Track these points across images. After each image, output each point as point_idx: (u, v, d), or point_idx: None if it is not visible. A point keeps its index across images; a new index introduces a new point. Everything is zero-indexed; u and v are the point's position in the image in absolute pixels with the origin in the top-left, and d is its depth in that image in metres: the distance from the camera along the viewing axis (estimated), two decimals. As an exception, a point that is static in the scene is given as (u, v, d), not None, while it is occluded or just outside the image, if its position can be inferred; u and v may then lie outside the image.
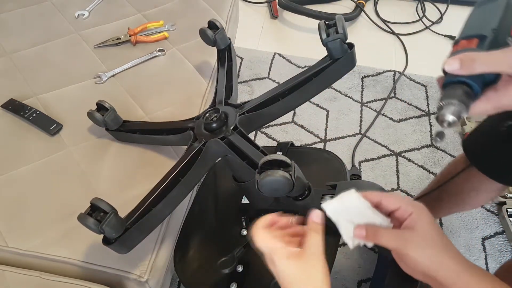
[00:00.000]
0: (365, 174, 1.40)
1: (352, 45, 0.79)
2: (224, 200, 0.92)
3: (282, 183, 0.48)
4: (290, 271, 0.45)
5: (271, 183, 0.49)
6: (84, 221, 0.61)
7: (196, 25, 0.98)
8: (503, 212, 1.27)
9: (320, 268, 0.44)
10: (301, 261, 0.45)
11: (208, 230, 0.86)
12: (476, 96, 0.42)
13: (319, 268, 0.44)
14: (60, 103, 0.99)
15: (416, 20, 1.94)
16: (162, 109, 0.98)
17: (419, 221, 0.43)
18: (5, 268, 0.75)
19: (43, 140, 0.92)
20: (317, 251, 0.45)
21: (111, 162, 0.89)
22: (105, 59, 1.08)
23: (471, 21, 0.48)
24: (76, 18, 1.19)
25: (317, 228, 0.47)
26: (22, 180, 0.86)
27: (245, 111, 0.77)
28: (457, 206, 0.99)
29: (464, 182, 0.89)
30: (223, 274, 0.75)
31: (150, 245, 0.79)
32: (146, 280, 0.75)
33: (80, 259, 0.75)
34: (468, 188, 0.90)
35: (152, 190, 0.70)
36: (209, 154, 0.74)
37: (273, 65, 1.74)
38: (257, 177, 0.49)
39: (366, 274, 1.18)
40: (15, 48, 1.10)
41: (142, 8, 1.22)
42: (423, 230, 0.43)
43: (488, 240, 1.25)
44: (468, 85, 0.41)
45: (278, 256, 0.45)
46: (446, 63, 0.42)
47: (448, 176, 0.94)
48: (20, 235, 0.78)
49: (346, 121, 1.55)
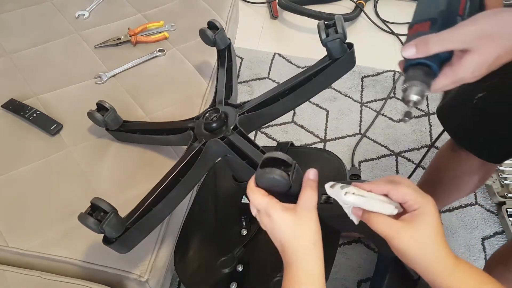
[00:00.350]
0: (365, 174, 1.41)
1: (351, 45, 0.79)
2: (224, 200, 0.92)
3: (279, 182, 0.50)
4: (285, 223, 0.48)
5: (269, 180, 0.50)
6: (84, 221, 0.61)
7: (196, 25, 0.98)
8: (503, 212, 1.27)
9: (312, 219, 0.48)
10: (296, 213, 0.48)
11: (208, 230, 0.86)
12: (435, 75, 0.46)
13: (312, 219, 0.48)
14: (61, 103, 0.99)
15: (416, 20, 1.93)
16: (162, 109, 0.98)
17: (418, 219, 0.43)
18: (5, 268, 0.75)
19: (44, 140, 0.92)
20: (310, 205, 0.48)
21: (111, 162, 0.89)
22: (105, 59, 1.08)
23: (421, 6, 0.51)
24: (77, 18, 1.19)
25: (312, 185, 0.50)
26: (23, 180, 0.86)
27: (245, 111, 0.77)
28: (452, 194, 1.00)
29: (456, 167, 0.91)
30: (223, 274, 0.75)
31: (150, 245, 0.79)
32: (146, 279, 0.75)
33: (81, 259, 0.76)
34: (461, 173, 0.91)
35: (152, 190, 0.70)
36: (209, 154, 0.74)
37: (273, 65, 1.74)
38: (257, 171, 0.50)
39: (366, 274, 1.18)
40: (15, 48, 1.10)
41: (142, 8, 1.22)
42: (422, 228, 0.43)
43: (488, 240, 1.25)
44: (427, 65, 0.45)
45: (275, 209, 0.48)
46: (403, 50, 0.46)
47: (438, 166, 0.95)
48: (20, 235, 0.79)
49: (346, 121, 1.55)
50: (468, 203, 1.33)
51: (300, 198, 0.49)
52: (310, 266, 0.47)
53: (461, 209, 1.32)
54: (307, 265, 0.47)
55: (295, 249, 0.47)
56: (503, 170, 1.35)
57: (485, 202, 1.33)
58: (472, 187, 0.95)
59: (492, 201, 1.33)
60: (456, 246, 1.24)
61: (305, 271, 0.46)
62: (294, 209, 0.48)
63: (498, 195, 1.30)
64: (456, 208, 1.32)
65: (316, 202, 0.48)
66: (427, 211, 0.43)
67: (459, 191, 0.98)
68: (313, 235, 0.47)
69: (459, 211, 1.31)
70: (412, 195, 0.44)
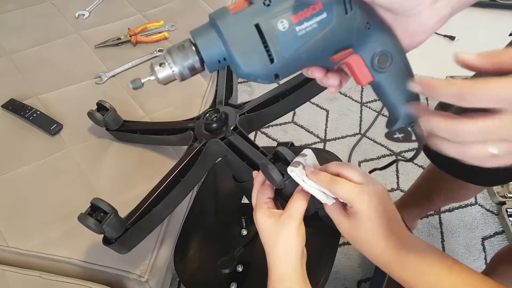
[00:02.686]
0: (365, 174, 1.40)
1: (352, 45, 0.79)
2: (224, 200, 0.92)
3: (273, 180, 0.51)
4: (267, 228, 0.49)
5: (265, 173, 0.52)
6: (84, 221, 0.61)
7: (196, 25, 0.97)
8: (503, 212, 1.27)
9: (293, 228, 0.47)
10: (278, 220, 0.48)
11: (208, 230, 0.86)
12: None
13: (293, 228, 0.47)
14: (61, 103, 0.99)
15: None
16: (162, 109, 0.98)
17: (353, 217, 0.45)
18: (5, 268, 0.75)
19: (44, 140, 0.92)
20: (296, 215, 0.48)
21: (111, 162, 0.89)
22: (106, 59, 1.08)
23: None
24: (77, 18, 1.19)
25: (303, 194, 0.49)
26: (23, 180, 0.86)
27: (245, 111, 0.77)
28: (447, 201, 0.99)
29: (450, 181, 0.89)
30: (223, 274, 0.75)
31: (150, 245, 0.79)
32: (146, 280, 0.75)
33: (81, 259, 0.76)
34: (457, 186, 0.90)
35: (152, 190, 0.70)
36: (209, 154, 0.74)
37: (273, 65, 1.74)
38: (261, 160, 0.52)
39: (366, 273, 1.18)
40: (15, 48, 1.10)
41: (142, 8, 1.22)
42: (353, 226, 0.45)
43: (488, 240, 1.25)
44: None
45: (261, 211, 0.49)
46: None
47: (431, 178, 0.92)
48: (20, 235, 0.79)
49: (346, 121, 1.55)
50: (468, 203, 1.33)
51: (287, 206, 0.49)
52: (283, 273, 0.48)
53: (461, 209, 1.32)
54: (279, 273, 0.48)
55: (272, 255, 0.48)
56: (503, 170, 1.35)
57: (485, 202, 1.33)
58: (468, 197, 0.94)
59: (492, 201, 1.33)
60: (456, 246, 1.24)
61: (279, 279, 0.48)
62: (279, 216, 0.49)
63: (498, 195, 1.30)
64: (456, 208, 1.32)
65: (303, 212, 0.48)
66: (360, 210, 0.44)
67: (456, 199, 0.97)
68: (289, 244, 0.47)
69: (459, 211, 1.31)
70: (347, 194, 0.44)
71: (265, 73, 0.37)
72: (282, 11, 0.34)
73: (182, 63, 0.37)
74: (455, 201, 1.00)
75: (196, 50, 0.37)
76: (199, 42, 0.37)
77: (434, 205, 1.04)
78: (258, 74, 0.37)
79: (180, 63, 0.37)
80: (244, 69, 0.36)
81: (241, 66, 0.36)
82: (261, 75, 0.37)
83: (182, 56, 0.37)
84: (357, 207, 0.44)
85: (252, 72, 0.37)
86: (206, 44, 0.37)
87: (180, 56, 0.37)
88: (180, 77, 0.38)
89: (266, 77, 0.38)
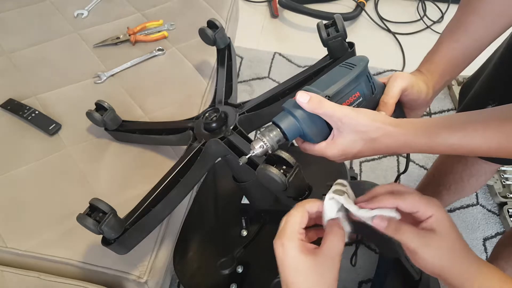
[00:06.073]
0: (366, 174, 1.40)
1: (352, 44, 0.79)
2: (224, 200, 0.91)
3: (275, 181, 0.50)
4: (301, 266, 0.42)
5: (266, 177, 0.50)
6: (83, 221, 0.61)
7: (196, 24, 0.97)
8: (504, 212, 1.27)
9: (334, 273, 0.42)
10: (316, 259, 0.42)
11: (208, 231, 0.86)
12: (288, 143, 0.48)
13: (334, 273, 0.42)
14: (59, 103, 0.98)
15: (417, 20, 1.93)
16: (161, 108, 0.97)
17: (441, 224, 0.42)
18: (4, 268, 0.75)
19: (42, 140, 0.92)
20: (334, 254, 0.43)
21: (110, 162, 0.89)
22: (104, 58, 1.08)
23: (324, 78, 0.56)
24: (75, 17, 1.18)
25: (337, 230, 0.45)
26: (21, 180, 0.85)
27: (245, 111, 0.77)
28: (457, 195, 1.01)
29: (462, 171, 0.92)
30: (223, 275, 0.74)
31: (149, 246, 0.78)
32: (146, 281, 0.75)
33: (79, 259, 0.75)
34: (467, 176, 0.92)
35: (152, 191, 0.69)
36: (209, 154, 0.73)
37: (273, 65, 1.74)
38: (260, 165, 0.50)
39: (367, 275, 1.18)
40: (14, 47, 1.10)
41: (142, 7, 1.21)
42: (445, 234, 0.42)
43: (489, 240, 1.25)
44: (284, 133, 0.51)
45: (292, 244, 0.42)
46: (299, 94, 0.49)
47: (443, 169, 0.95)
48: (19, 236, 0.78)
49: (347, 120, 1.55)
50: (469, 204, 1.32)
51: (324, 244, 0.43)
52: None
53: (463, 210, 1.31)
54: None
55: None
56: (504, 171, 1.34)
57: (486, 203, 1.32)
58: (476, 188, 0.96)
59: (493, 202, 1.32)
60: (457, 247, 1.24)
61: None
62: (315, 253, 0.42)
63: (500, 196, 1.29)
64: (457, 208, 1.31)
65: (341, 249, 0.43)
66: (443, 215, 0.42)
67: (464, 192, 0.98)
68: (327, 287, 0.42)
69: (461, 211, 1.31)
70: (421, 203, 0.42)
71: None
72: (338, 101, 0.52)
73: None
74: (463, 195, 1.01)
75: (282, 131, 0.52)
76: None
77: (441, 202, 1.06)
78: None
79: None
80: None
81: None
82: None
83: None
84: (437, 213, 0.41)
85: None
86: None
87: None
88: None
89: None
